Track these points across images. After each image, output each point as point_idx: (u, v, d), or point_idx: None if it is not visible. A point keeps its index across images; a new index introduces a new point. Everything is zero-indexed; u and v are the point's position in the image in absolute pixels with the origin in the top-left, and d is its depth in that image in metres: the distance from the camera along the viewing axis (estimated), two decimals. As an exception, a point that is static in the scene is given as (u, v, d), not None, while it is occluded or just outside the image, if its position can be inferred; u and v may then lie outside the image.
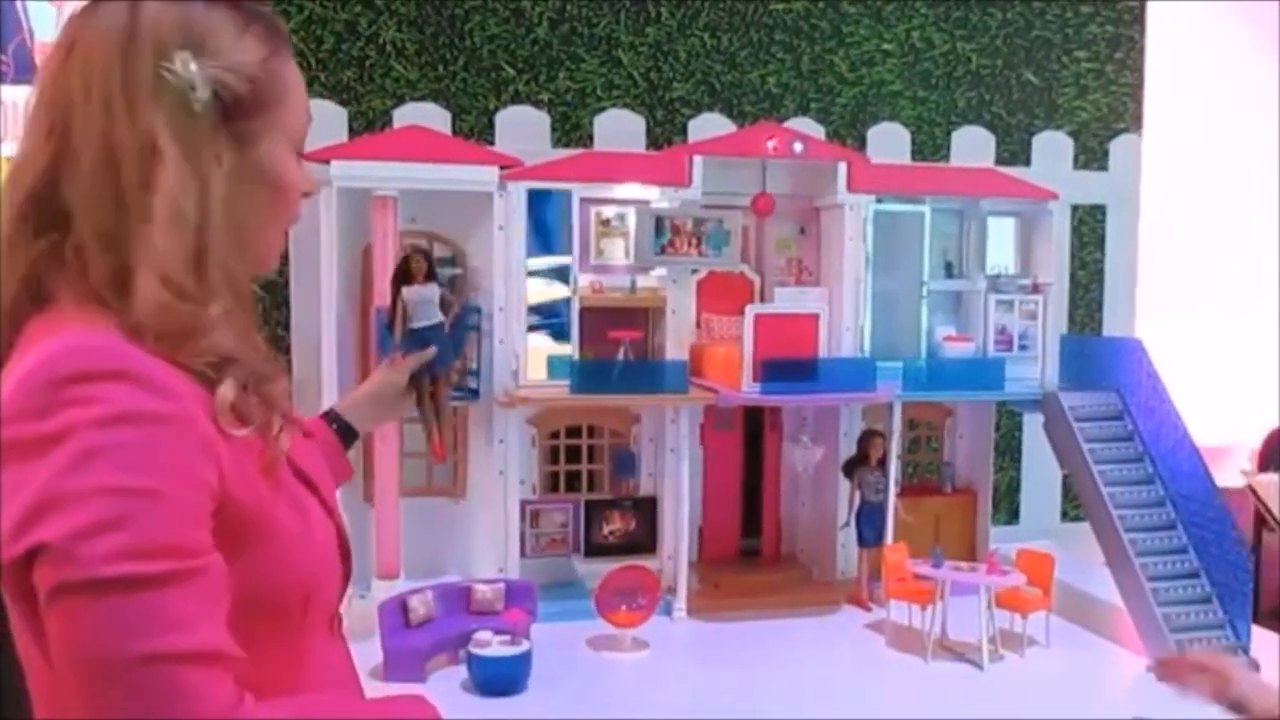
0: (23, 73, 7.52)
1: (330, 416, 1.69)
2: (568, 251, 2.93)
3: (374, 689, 1.25)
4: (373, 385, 1.84)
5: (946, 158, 3.72)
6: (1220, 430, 3.95)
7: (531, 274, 2.93)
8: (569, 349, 2.89)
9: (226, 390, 0.99)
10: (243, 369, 1.01)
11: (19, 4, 6.99)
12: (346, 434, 1.68)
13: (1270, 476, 2.20)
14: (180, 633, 0.88)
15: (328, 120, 3.09)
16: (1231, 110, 4.64)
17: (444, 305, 2.21)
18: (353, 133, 3.21)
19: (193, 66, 1.01)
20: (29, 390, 0.91)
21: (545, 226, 2.98)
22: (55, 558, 0.87)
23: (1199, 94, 4.50)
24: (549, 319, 2.98)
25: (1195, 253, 4.47)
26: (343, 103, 3.24)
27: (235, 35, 1.05)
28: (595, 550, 2.97)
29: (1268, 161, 4.72)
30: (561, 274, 2.96)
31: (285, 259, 2.86)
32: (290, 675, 1.07)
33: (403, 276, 2.28)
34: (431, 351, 1.99)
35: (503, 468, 2.89)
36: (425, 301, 2.21)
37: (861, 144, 3.60)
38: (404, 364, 1.90)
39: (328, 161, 2.74)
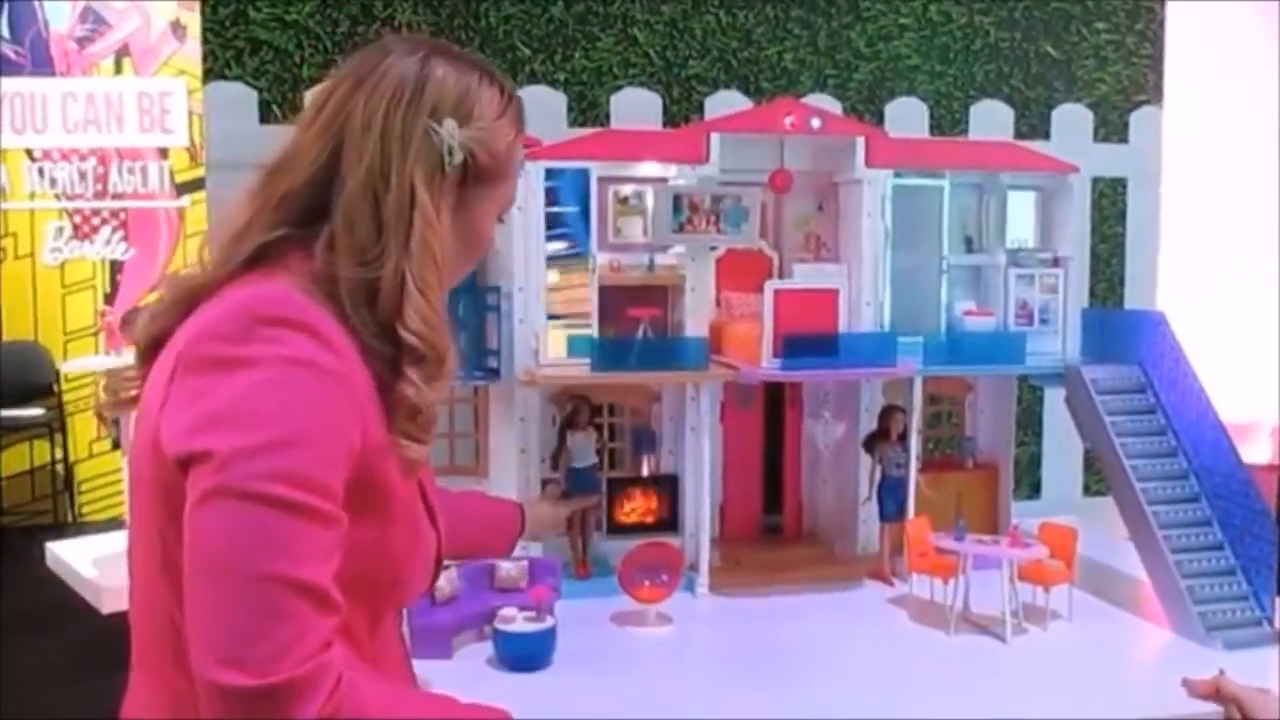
0: (39, 64, 7.55)
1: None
2: (587, 230, 2.92)
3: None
4: (544, 513, 2.26)
5: (965, 132, 3.71)
6: (1241, 407, 3.93)
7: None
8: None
9: (420, 452, 1.10)
10: (430, 413, 1.13)
11: (36, -3, 6.94)
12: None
13: None
14: (304, 563, 0.96)
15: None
16: (1252, 81, 4.60)
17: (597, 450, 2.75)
18: (370, 115, 3.21)
19: (456, 134, 1.11)
20: (232, 318, 1.03)
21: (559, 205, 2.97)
22: (217, 464, 0.96)
23: (1220, 66, 4.47)
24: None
25: (1217, 226, 4.44)
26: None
27: (496, 114, 1.19)
28: (617, 528, 2.97)
29: (1290, 132, 4.68)
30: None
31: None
32: (367, 643, 1.14)
33: (569, 422, 2.78)
34: (594, 499, 2.63)
35: (524, 446, 2.90)
36: (586, 446, 2.76)
37: (879, 119, 3.59)
38: (569, 504, 2.39)
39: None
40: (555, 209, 2.90)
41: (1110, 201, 3.89)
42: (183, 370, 1.02)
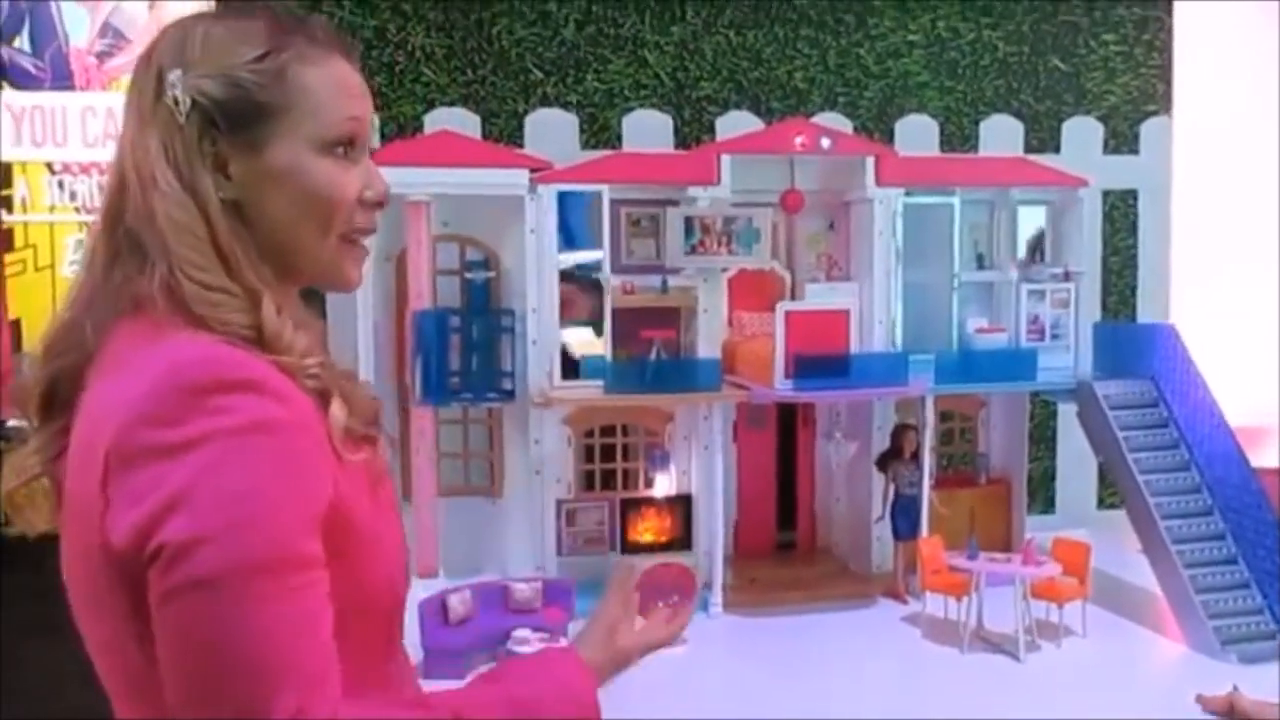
0: (60, 78, 7.57)
1: None
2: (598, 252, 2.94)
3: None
4: None
5: (975, 148, 3.71)
6: (1251, 411, 3.90)
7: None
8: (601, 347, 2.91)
9: (338, 410, 1.01)
10: (331, 374, 1.03)
11: (54, 9, 7.04)
12: None
13: None
14: (285, 644, 0.91)
15: (360, 127, 3.13)
16: (1261, 87, 4.58)
17: None
18: (384, 139, 3.25)
19: (180, 83, 1.03)
20: (161, 396, 0.92)
21: (571, 229, 2.99)
22: (175, 558, 0.89)
23: (1229, 73, 4.45)
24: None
25: (1228, 231, 4.42)
26: (374, 109, 3.26)
27: (228, 44, 1.02)
28: (631, 547, 2.99)
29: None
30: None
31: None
32: (394, 670, 1.11)
33: None
34: None
35: (539, 467, 2.93)
36: None
37: (889, 137, 3.59)
38: None
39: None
40: (567, 232, 2.92)
41: (1121, 214, 3.88)
42: (121, 468, 0.91)
